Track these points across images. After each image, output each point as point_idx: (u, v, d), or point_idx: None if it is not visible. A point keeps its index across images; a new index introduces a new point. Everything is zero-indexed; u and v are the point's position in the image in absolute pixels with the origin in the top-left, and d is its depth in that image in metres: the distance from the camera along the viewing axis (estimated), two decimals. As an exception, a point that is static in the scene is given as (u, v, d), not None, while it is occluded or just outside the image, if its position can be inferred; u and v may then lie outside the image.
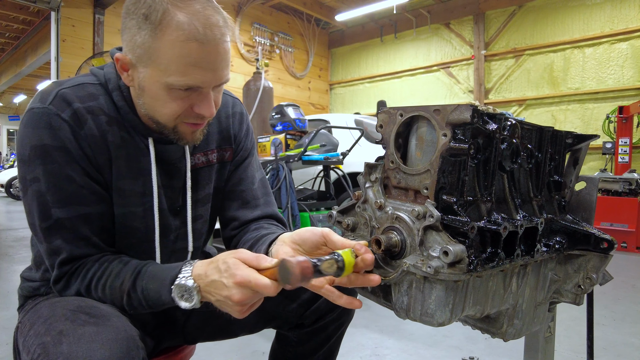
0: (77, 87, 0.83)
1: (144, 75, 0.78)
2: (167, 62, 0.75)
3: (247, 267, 0.68)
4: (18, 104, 17.38)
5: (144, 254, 0.89)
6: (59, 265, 0.81)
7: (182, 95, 0.79)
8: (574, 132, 0.91)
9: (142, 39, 0.75)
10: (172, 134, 0.86)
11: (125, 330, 0.71)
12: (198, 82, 0.77)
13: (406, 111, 0.71)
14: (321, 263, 0.64)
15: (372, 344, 2.18)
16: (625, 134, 5.52)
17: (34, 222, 0.81)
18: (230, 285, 0.68)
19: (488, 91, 7.73)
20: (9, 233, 5.70)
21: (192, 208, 0.98)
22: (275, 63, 8.77)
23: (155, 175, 0.89)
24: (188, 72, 0.76)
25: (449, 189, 0.67)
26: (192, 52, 0.74)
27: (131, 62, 0.79)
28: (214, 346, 2.06)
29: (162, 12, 0.73)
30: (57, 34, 5.81)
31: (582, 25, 6.75)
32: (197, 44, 0.74)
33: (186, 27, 0.73)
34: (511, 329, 0.81)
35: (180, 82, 0.76)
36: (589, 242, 0.84)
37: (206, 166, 1.00)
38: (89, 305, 0.77)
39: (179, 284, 0.74)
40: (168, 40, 0.74)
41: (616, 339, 2.29)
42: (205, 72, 0.77)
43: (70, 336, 0.67)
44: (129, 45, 0.78)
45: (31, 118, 0.79)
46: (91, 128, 0.82)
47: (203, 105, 0.81)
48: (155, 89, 0.79)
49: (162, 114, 0.82)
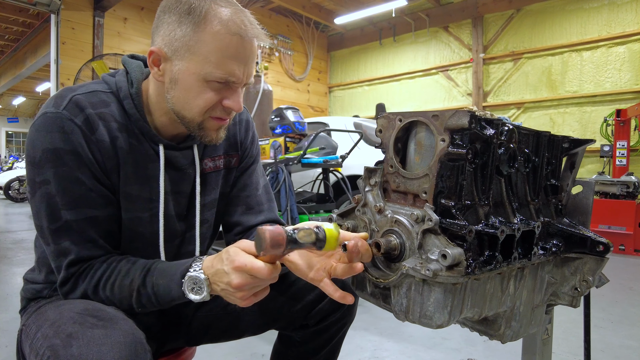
0: (90, 94, 0.86)
1: (179, 67, 0.82)
2: (207, 54, 0.80)
3: (245, 254, 0.71)
4: (17, 106, 17.36)
5: (149, 258, 0.90)
6: (67, 266, 0.83)
7: (216, 87, 0.83)
8: (571, 136, 0.93)
9: (183, 32, 0.80)
10: (197, 131, 0.88)
11: (133, 333, 0.72)
12: (233, 75, 0.82)
13: (405, 116, 0.72)
14: (297, 232, 0.64)
15: (372, 346, 2.19)
16: (623, 137, 5.54)
17: (41, 224, 0.82)
18: (230, 271, 0.71)
19: (486, 94, 7.76)
20: (8, 235, 5.69)
21: (201, 212, 1.00)
22: (275, 66, 8.79)
23: (162, 181, 0.91)
24: (226, 64, 0.81)
25: (448, 193, 0.68)
26: (232, 45, 0.80)
27: (166, 56, 0.83)
28: (213, 348, 2.07)
29: (207, 8, 0.80)
30: (56, 37, 5.82)
31: (580, 29, 6.79)
32: (238, 38, 0.80)
33: (229, 22, 0.80)
34: (509, 331, 0.82)
35: (217, 73, 0.81)
36: (585, 245, 0.85)
37: (214, 172, 1.02)
38: (95, 308, 0.78)
39: (190, 276, 0.76)
40: (210, 33, 0.79)
41: (613, 341, 2.30)
42: (241, 66, 0.83)
43: (80, 339, 0.68)
44: (166, 40, 0.82)
45: (45, 122, 0.81)
46: (102, 134, 0.84)
47: (233, 99, 0.86)
48: (192, 80, 0.82)
49: (194, 105, 0.85)
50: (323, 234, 0.65)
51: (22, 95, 15.42)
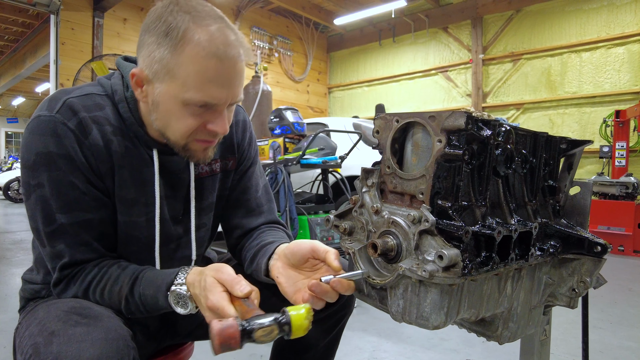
0: (84, 97, 0.85)
1: (159, 91, 0.79)
2: (185, 78, 0.76)
3: (220, 292, 0.70)
4: (16, 107, 17.36)
5: (144, 262, 0.91)
6: (60, 268, 0.83)
7: (197, 111, 0.80)
8: (568, 137, 0.92)
9: (161, 55, 0.76)
10: (183, 152, 0.86)
11: (116, 330, 0.72)
12: (214, 99, 0.78)
13: (402, 117, 0.72)
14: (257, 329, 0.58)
15: (370, 347, 2.19)
16: (622, 137, 5.55)
17: (37, 227, 0.82)
18: (204, 306, 0.72)
19: (486, 95, 7.76)
20: (7, 236, 5.69)
21: (197, 217, 0.99)
22: (274, 67, 8.79)
23: (158, 185, 0.90)
24: (205, 88, 0.77)
25: (444, 194, 0.68)
26: (211, 68, 0.76)
27: (147, 78, 0.80)
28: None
29: (184, 29, 0.75)
30: (56, 37, 5.82)
31: (579, 30, 6.80)
32: (216, 60, 0.76)
33: (206, 44, 0.75)
34: (506, 332, 0.82)
35: (196, 97, 0.77)
36: (582, 246, 0.84)
37: (209, 176, 1.01)
38: (82, 306, 0.78)
39: (173, 291, 0.76)
40: (188, 56, 0.75)
41: (612, 342, 2.30)
42: (222, 89, 0.78)
43: (60, 336, 0.68)
44: (147, 61, 0.79)
45: (38, 125, 0.80)
46: (96, 138, 0.83)
47: (217, 122, 0.82)
48: (171, 104, 0.79)
49: (175, 129, 0.82)
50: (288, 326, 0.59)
51: (21, 95, 15.43)
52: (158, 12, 0.78)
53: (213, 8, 0.81)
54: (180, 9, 0.77)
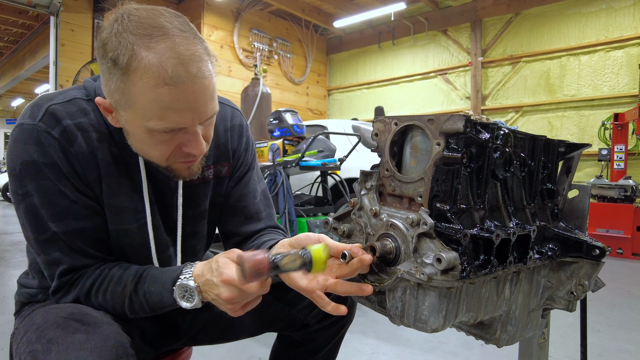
0: (67, 103, 0.81)
1: (125, 119, 0.76)
2: (143, 107, 0.71)
3: (234, 267, 0.70)
4: (16, 108, 17.34)
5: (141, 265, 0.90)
6: (59, 275, 0.81)
7: (166, 137, 0.76)
8: (567, 140, 0.93)
9: (115, 85, 0.71)
10: (167, 172, 0.84)
11: (115, 337, 0.71)
12: (179, 124, 0.74)
13: (401, 120, 0.72)
14: (281, 258, 0.63)
15: (369, 350, 2.18)
16: (621, 140, 5.56)
17: (29, 235, 0.81)
18: (219, 283, 0.71)
19: (485, 97, 7.78)
20: (5, 237, 5.67)
21: (189, 224, 0.97)
22: (274, 69, 8.80)
23: (146, 191, 0.88)
24: (165, 115, 0.72)
25: (443, 197, 0.68)
26: (164, 96, 0.70)
27: (110, 107, 0.77)
28: (210, 351, 2.06)
29: (129, 55, 0.68)
30: (56, 38, 5.81)
31: (578, 33, 6.82)
32: (167, 88, 0.69)
33: (154, 70, 0.68)
34: (505, 335, 0.82)
35: (159, 126, 0.73)
36: (581, 250, 0.85)
37: (202, 183, 0.97)
38: (81, 312, 0.77)
39: (180, 284, 0.76)
40: (138, 85, 0.69)
41: (611, 345, 2.30)
42: (184, 114, 0.73)
43: (59, 344, 0.67)
44: (105, 90, 0.75)
45: (21, 133, 0.78)
46: (81, 145, 0.80)
47: (191, 144, 0.77)
48: (140, 133, 0.76)
49: (152, 156, 0.80)
50: (309, 257, 0.63)
51: (21, 96, 15.41)
52: (104, 36, 0.72)
53: (164, 14, 0.73)
54: (125, 28, 0.70)
